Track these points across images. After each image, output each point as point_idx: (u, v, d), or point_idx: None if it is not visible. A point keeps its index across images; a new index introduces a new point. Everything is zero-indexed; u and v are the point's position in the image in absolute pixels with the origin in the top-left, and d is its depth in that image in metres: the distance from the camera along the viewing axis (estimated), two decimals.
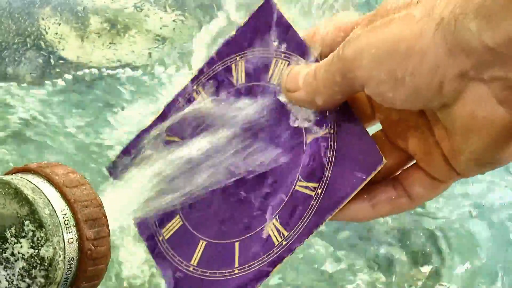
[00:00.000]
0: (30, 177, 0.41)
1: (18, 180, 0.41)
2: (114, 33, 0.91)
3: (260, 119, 0.50)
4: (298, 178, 0.49)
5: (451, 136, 0.43)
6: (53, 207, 0.40)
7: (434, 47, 0.38)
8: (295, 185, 0.49)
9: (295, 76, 0.47)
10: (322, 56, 0.47)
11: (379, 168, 0.46)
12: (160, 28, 0.92)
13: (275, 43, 0.51)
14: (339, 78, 0.43)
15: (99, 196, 0.42)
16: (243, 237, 0.50)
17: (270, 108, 0.50)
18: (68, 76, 0.86)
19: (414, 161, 0.47)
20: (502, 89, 0.38)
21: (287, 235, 0.48)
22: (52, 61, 0.88)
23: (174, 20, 0.92)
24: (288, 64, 0.49)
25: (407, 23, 0.40)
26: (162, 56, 0.90)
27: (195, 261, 0.51)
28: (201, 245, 0.51)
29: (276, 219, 0.49)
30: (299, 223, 0.48)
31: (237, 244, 0.50)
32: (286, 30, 0.50)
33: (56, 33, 0.90)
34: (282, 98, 0.49)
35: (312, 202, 0.48)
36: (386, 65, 0.40)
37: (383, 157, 0.46)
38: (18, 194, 0.40)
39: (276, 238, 0.49)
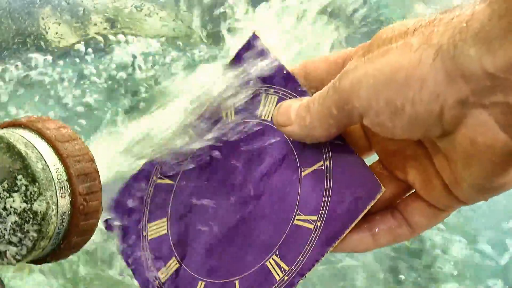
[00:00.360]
0: (21, 131, 0.41)
1: (9, 134, 0.40)
2: (114, 33, 0.91)
3: (253, 155, 0.50)
4: (296, 212, 0.48)
5: (452, 164, 0.42)
6: (45, 162, 0.40)
7: (434, 75, 0.38)
8: (293, 219, 0.48)
9: (287, 110, 0.47)
10: (313, 90, 0.47)
11: (378, 196, 0.45)
12: (160, 28, 0.92)
13: (264, 79, 0.50)
14: (335, 111, 0.43)
15: (91, 151, 0.42)
16: (244, 275, 0.50)
17: (262, 144, 0.50)
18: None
19: (414, 190, 0.47)
20: (503, 114, 0.38)
21: (288, 270, 0.48)
22: (52, 61, 0.89)
23: (174, 20, 0.93)
24: (278, 99, 0.49)
25: (405, 51, 0.39)
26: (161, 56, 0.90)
27: None
28: (200, 286, 0.51)
29: (276, 255, 0.48)
30: (299, 257, 0.47)
31: (237, 282, 0.50)
32: (274, 65, 0.50)
33: (56, 33, 0.91)
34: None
35: (312, 235, 0.47)
36: (385, 95, 0.40)
37: (381, 185, 0.45)
38: (10, 149, 0.40)
39: (277, 273, 0.48)
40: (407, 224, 0.46)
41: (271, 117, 0.49)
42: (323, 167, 0.48)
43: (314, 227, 0.47)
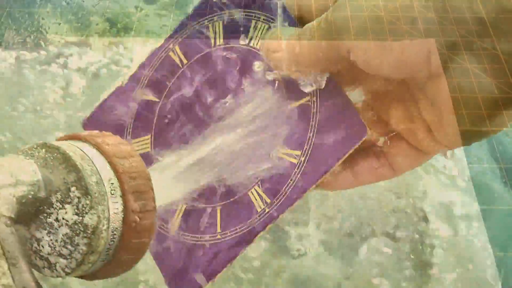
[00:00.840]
0: (80, 144, 0.41)
1: (67, 146, 0.40)
2: (114, 33, 0.91)
3: (239, 83, 0.50)
4: (281, 145, 0.48)
5: (436, 108, 0.42)
6: (100, 176, 0.39)
7: (425, 15, 0.38)
8: (278, 151, 0.48)
9: (278, 37, 0.46)
10: (305, 22, 0.47)
11: (363, 138, 0.45)
12: (160, 28, 0.92)
13: (255, 6, 0.50)
14: (325, 43, 0.43)
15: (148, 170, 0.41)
16: (225, 202, 0.49)
17: (250, 71, 0.50)
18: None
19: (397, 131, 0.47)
20: (490, 61, 0.38)
21: (270, 203, 0.47)
22: (52, 61, 0.88)
23: (174, 20, 0.93)
24: (268, 27, 0.49)
25: None
26: None
27: (176, 224, 0.51)
28: (181, 208, 0.50)
29: (259, 185, 0.48)
30: (282, 191, 0.47)
31: (219, 209, 0.49)
32: None
33: (56, 33, 0.90)
34: (262, 59, 0.49)
35: (295, 170, 0.47)
36: (375, 31, 0.40)
37: (367, 128, 0.45)
38: (66, 160, 0.39)
39: (259, 205, 0.48)
40: (389, 165, 0.47)
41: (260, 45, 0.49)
42: (310, 103, 0.47)
43: (298, 162, 0.47)
